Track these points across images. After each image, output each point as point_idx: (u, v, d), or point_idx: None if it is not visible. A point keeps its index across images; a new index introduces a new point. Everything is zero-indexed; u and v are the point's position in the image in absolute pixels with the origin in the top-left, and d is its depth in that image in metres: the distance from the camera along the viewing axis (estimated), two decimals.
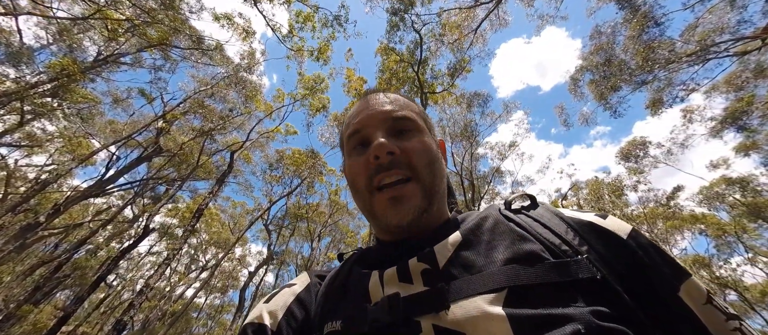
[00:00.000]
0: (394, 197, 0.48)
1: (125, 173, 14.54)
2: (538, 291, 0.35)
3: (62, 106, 11.59)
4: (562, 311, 0.32)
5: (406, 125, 0.54)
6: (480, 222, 0.47)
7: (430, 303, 0.37)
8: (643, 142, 15.16)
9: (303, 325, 0.46)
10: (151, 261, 19.92)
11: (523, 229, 0.43)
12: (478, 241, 0.44)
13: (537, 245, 0.40)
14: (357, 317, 0.41)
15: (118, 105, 14.79)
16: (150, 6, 11.37)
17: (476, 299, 0.35)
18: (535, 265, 0.37)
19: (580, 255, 0.38)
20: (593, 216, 0.45)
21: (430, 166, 0.51)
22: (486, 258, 0.40)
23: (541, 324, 0.32)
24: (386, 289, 0.43)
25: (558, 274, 0.35)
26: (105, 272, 11.66)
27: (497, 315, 0.33)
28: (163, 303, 17.84)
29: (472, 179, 16.41)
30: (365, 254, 0.56)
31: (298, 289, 0.52)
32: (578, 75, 14.61)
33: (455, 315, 0.35)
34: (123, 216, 16.70)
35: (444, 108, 17.27)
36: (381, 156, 0.48)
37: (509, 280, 0.36)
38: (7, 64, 10.65)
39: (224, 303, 25.39)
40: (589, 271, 0.36)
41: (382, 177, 0.49)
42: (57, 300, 18.20)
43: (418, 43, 12.62)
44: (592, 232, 0.42)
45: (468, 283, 0.38)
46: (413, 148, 0.51)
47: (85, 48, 12.49)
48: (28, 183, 13.19)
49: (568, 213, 0.47)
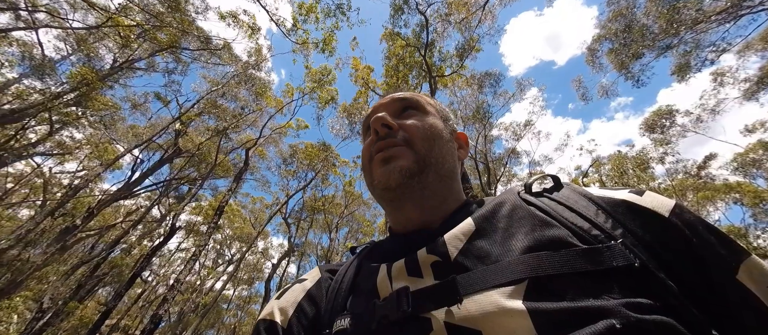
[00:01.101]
0: (384, 158, 0.48)
1: (150, 175, 15.25)
2: (564, 281, 0.30)
3: (86, 114, 12.20)
4: (593, 304, 0.28)
5: (409, 104, 0.56)
6: (495, 208, 0.43)
7: (440, 298, 0.35)
8: (669, 110, 14.27)
9: (314, 321, 0.45)
10: (181, 257, 21.03)
11: (546, 214, 0.39)
12: (494, 229, 0.40)
13: (562, 230, 0.35)
14: (365, 314, 0.39)
15: (137, 109, 15.42)
16: (158, 10, 11.64)
17: (492, 292, 0.32)
18: (561, 253, 0.32)
19: (614, 240, 0.33)
20: (627, 194, 0.39)
21: (428, 140, 0.50)
22: (502, 247, 0.37)
23: (568, 320, 0.28)
24: (395, 283, 0.40)
25: (588, 262, 0.31)
26: (139, 269, 12.40)
27: (516, 309, 0.29)
28: (195, 295, 18.88)
29: (486, 162, 16.10)
30: (376, 247, 0.55)
31: (308, 285, 0.51)
32: (596, 45, 13.83)
33: (469, 310, 0.32)
34: (151, 216, 17.63)
35: (454, 91, 16.90)
36: (378, 129, 0.51)
37: (530, 270, 0.32)
38: (33, 76, 11.28)
39: (251, 294, 26.57)
40: (625, 258, 0.31)
41: (380, 147, 0.50)
42: (99, 296, 19.63)
43: (424, 26, 12.28)
44: (628, 212, 0.37)
45: (483, 275, 0.34)
46: (412, 124, 0.52)
47: (101, 56, 13.02)
48: (63, 188, 14.10)
49: (597, 192, 0.42)
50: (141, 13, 11.36)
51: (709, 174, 14.48)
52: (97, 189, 16.11)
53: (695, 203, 13.67)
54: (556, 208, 0.40)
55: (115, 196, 13.58)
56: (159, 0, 11.72)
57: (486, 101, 16.63)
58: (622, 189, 0.41)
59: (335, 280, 0.50)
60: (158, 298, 16.82)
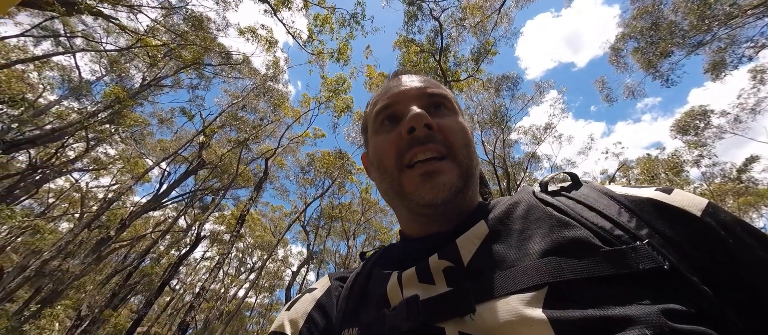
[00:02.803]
0: (428, 172, 0.42)
1: (176, 186, 15.93)
2: (587, 287, 0.28)
3: (118, 130, 12.93)
4: (620, 311, 0.25)
5: (441, 102, 0.50)
6: (510, 209, 0.40)
7: (453, 307, 0.33)
8: (703, 111, 13.42)
9: (324, 332, 0.44)
10: (206, 265, 21.76)
11: (564, 214, 0.36)
12: (509, 231, 0.38)
13: (583, 231, 0.32)
14: (374, 324, 0.37)
15: (164, 124, 16.18)
16: (182, 29, 12.23)
17: (509, 300, 0.30)
18: (582, 256, 0.30)
19: (640, 241, 0.30)
20: (653, 192, 0.36)
21: (467, 148, 0.46)
22: (519, 251, 0.34)
23: (593, 329, 0.25)
24: (405, 291, 0.38)
25: (612, 265, 0.28)
26: (168, 277, 12.93)
27: (536, 318, 0.27)
28: (220, 303, 19.46)
29: (505, 167, 15.72)
30: (387, 252, 0.52)
31: (318, 294, 0.49)
32: (620, 44, 13.26)
33: (484, 319, 0.30)
34: (178, 226, 18.38)
35: (470, 95, 16.67)
36: (418, 127, 0.43)
37: (549, 275, 0.29)
38: (71, 97, 12.08)
39: (273, 301, 27.06)
40: (652, 260, 0.28)
41: (415, 153, 0.43)
42: (131, 304, 20.62)
43: (438, 31, 12.21)
44: (654, 211, 0.34)
45: (498, 281, 0.32)
46: (450, 126, 0.46)
47: (131, 76, 13.78)
48: (99, 202, 14.96)
49: (620, 190, 0.38)
50: (167, 34, 11.97)
51: (751, 178, 13.44)
52: (128, 201, 16.99)
53: (736, 209, 12.72)
54: (574, 208, 0.37)
55: (145, 208, 14.26)
56: (183, 20, 12.32)
57: (503, 105, 16.32)
58: (648, 187, 0.38)
59: (345, 288, 0.48)
60: (185, 306, 17.46)
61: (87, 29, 11.77)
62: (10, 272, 9.93)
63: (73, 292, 13.17)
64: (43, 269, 10.66)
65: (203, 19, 12.56)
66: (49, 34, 10.71)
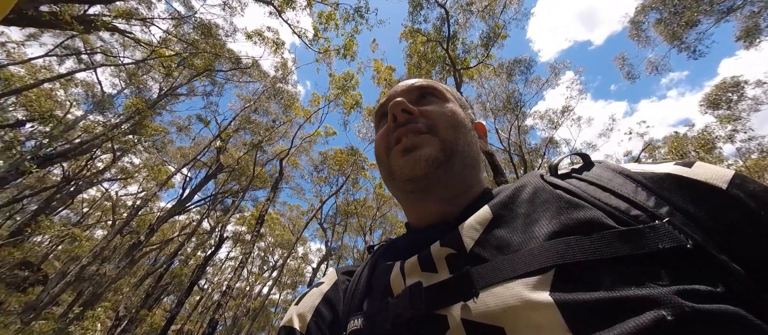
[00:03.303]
0: (407, 147, 0.45)
1: (198, 191, 16.56)
2: (599, 269, 0.26)
3: (141, 140, 13.56)
4: (636, 292, 0.23)
5: (427, 91, 0.52)
6: (515, 193, 0.39)
7: (455, 292, 0.31)
8: (736, 82, 12.45)
9: (332, 325, 0.44)
10: (231, 265, 22.65)
11: (574, 195, 0.34)
12: (513, 216, 0.36)
13: (595, 212, 0.30)
14: (378, 313, 0.37)
15: (182, 132, 16.81)
16: (193, 38, 12.57)
17: (513, 284, 0.29)
18: (593, 236, 0.28)
19: (659, 220, 0.28)
20: (673, 167, 0.34)
21: (453, 127, 0.47)
22: (524, 235, 0.33)
23: (606, 312, 0.24)
24: (408, 280, 0.38)
25: (628, 245, 0.26)
26: (196, 278, 13.56)
27: (542, 302, 0.26)
28: (246, 301, 20.25)
29: (522, 154, 15.27)
30: (392, 245, 0.52)
31: (325, 288, 0.50)
32: (640, 16, 12.48)
33: (487, 304, 0.29)
34: (202, 229, 19.18)
35: (481, 82, 16.24)
36: (397, 114, 0.47)
37: (557, 257, 0.28)
38: (96, 111, 12.74)
39: (295, 298, 27.76)
40: (673, 239, 0.26)
41: (399, 136, 0.47)
42: (164, 304, 21.81)
43: (445, 19, 11.90)
44: (675, 187, 0.31)
45: (501, 265, 0.30)
46: (434, 110, 0.48)
47: (149, 87, 14.35)
48: (128, 209, 15.80)
49: (636, 167, 0.36)
50: (179, 43, 12.35)
51: None
52: (155, 207, 17.87)
53: None
54: (586, 189, 0.35)
55: (170, 213, 14.94)
56: (193, 29, 12.65)
57: (517, 90, 15.78)
58: (667, 163, 0.35)
59: (352, 281, 0.48)
60: (214, 304, 18.32)
61: (105, 45, 12.33)
62: (53, 278, 10.72)
63: (111, 295, 14.09)
64: (82, 274, 11.44)
65: (212, 26, 12.85)
66: (71, 52, 11.29)
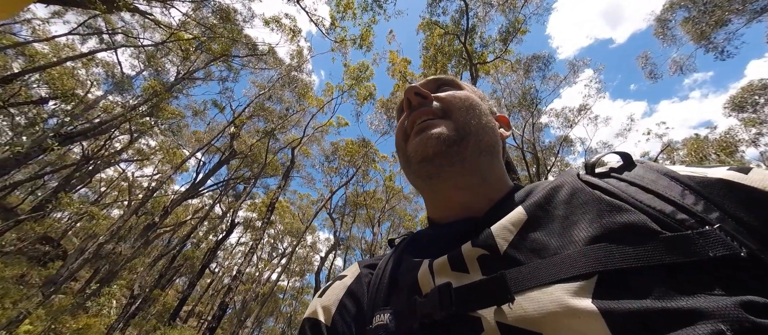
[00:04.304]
0: (421, 128, 0.46)
1: (211, 176, 16.76)
2: (645, 277, 0.24)
3: (157, 123, 13.71)
4: (687, 303, 0.22)
5: (443, 83, 0.54)
6: (551, 194, 0.36)
7: (489, 295, 0.30)
8: (764, 85, 12.12)
9: (356, 317, 0.43)
10: (241, 250, 22.98)
11: (615, 197, 0.32)
12: (550, 218, 0.34)
13: (638, 215, 0.28)
14: (406, 311, 0.35)
15: (198, 116, 16.95)
16: (211, 22, 12.59)
17: (553, 289, 0.27)
18: (638, 242, 0.26)
19: (709, 226, 0.26)
20: (726, 171, 0.31)
21: (467, 110, 0.47)
22: (562, 238, 0.31)
23: (654, 323, 0.22)
24: (437, 279, 0.36)
25: (675, 253, 0.25)
26: (207, 261, 13.80)
27: (585, 309, 0.24)
28: (255, 286, 20.57)
29: (535, 151, 15.12)
30: (416, 238, 0.50)
31: (348, 281, 0.49)
32: (667, 14, 12.16)
33: (525, 309, 0.27)
34: (214, 213, 19.44)
35: (497, 78, 16.03)
36: (411, 98, 0.49)
37: (599, 263, 0.26)
38: (115, 92, 12.88)
39: (303, 285, 28.27)
40: (725, 247, 0.24)
41: (414, 120, 0.48)
42: (176, 285, 22.28)
43: (464, 11, 11.71)
44: (728, 194, 0.29)
45: (539, 269, 0.29)
46: (449, 95, 0.49)
47: (167, 70, 14.44)
48: (144, 190, 16.06)
49: (684, 170, 0.33)
50: (198, 27, 12.38)
51: None
52: (169, 190, 18.13)
53: None
54: (627, 190, 0.32)
55: (184, 196, 15.15)
56: (212, 13, 12.66)
57: (533, 86, 15.56)
58: (719, 167, 0.33)
59: (375, 275, 0.47)
60: (224, 288, 18.64)
61: (126, 26, 12.41)
62: (72, 254, 10.97)
63: (126, 273, 14.40)
64: (99, 251, 11.68)
65: (230, 10, 12.84)
66: (93, 31, 11.38)
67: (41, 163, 13.37)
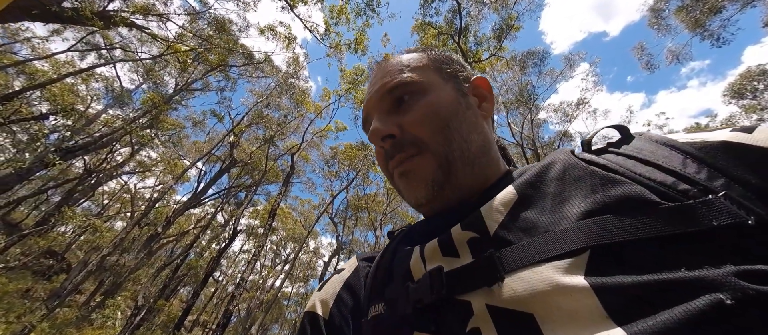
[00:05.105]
0: (402, 173, 0.44)
1: (212, 185, 16.89)
2: (642, 250, 0.23)
3: (157, 134, 13.89)
4: (686, 274, 0.21)
5: (402, 92, 0.46)
6: (542, 171, 0.35)
7: (478, 277, 0.29)
8: (762, 70, 11.99)
9: (353, 310, 0.44)
10: (244, 258, 23.04)
11: (611, 171, 0.30)
12: (541, 195, 0.33)
13: (635, 187, 0.27)
14: (399, 298, 0.35)
15: (197, 126, 17.14)
16: (207, 33, 12.78)
17: (542, 267, 0.26)
18: (635, 214, 0.25)
19: (712, 194, 0.24)
20: (729, 133, 0.29)
21: (442, 131, 0.42)
22: (554, 215, 0.30)
23: (650, 297, 0.21)
24: (428, 264, 0.36)
25: (675, 223, 0.23)
26: (210, 270, 13.84)
27: (576, 286, 0.23)
28: (259, 293, 20.59)
29: (535, 147, 15.07)
30: (412, 230, 0.50)
31: (346, 275, 0.49)
32: (660, 4, 12.11)
33: (514, 289, 0.26)
34: (216, 222, 19.55)
35: (493, 75, 16.04)
36: (379, 145, 0.45)
37: (592, 237, 0.25)
38: (115, 106, 13.08)
39: (307, 291, 28.22)
40: (730, 215, 0.22)
41: (393, 165, 0.45)
42: (181, 294, 22.37)
43: (457, 11, 11.77)
44: (732, 157, 0.27)
45: (529, 248, 0.28)
46: (414, 119, 0.44)
47: (166, 82, 14.66)
48: (146, 201, 16.23)
49: (683, 137, 0.32)
50: (194, 39, 12.57)
51: None
52: (171, 200, 18.30)
53: None
54: (625, 163, 0.31)
55: (186, 205, 15.26)
56: (208, 24, 12.85)
57: (530, 82, 15.56)
58: (722, 129, 0.31)
59: (372, 267, 0.47)
60: (228, 296, 18.68)
61: (123, 40, 12.63)
62: (75, 267, 11.09)
63: (130, 284, 14.50)
64: (103, 263, 11.80)
65: (225, 21, 13.02)
66: (91, 47, 11.60)
67: (44, 178, 13.59)
